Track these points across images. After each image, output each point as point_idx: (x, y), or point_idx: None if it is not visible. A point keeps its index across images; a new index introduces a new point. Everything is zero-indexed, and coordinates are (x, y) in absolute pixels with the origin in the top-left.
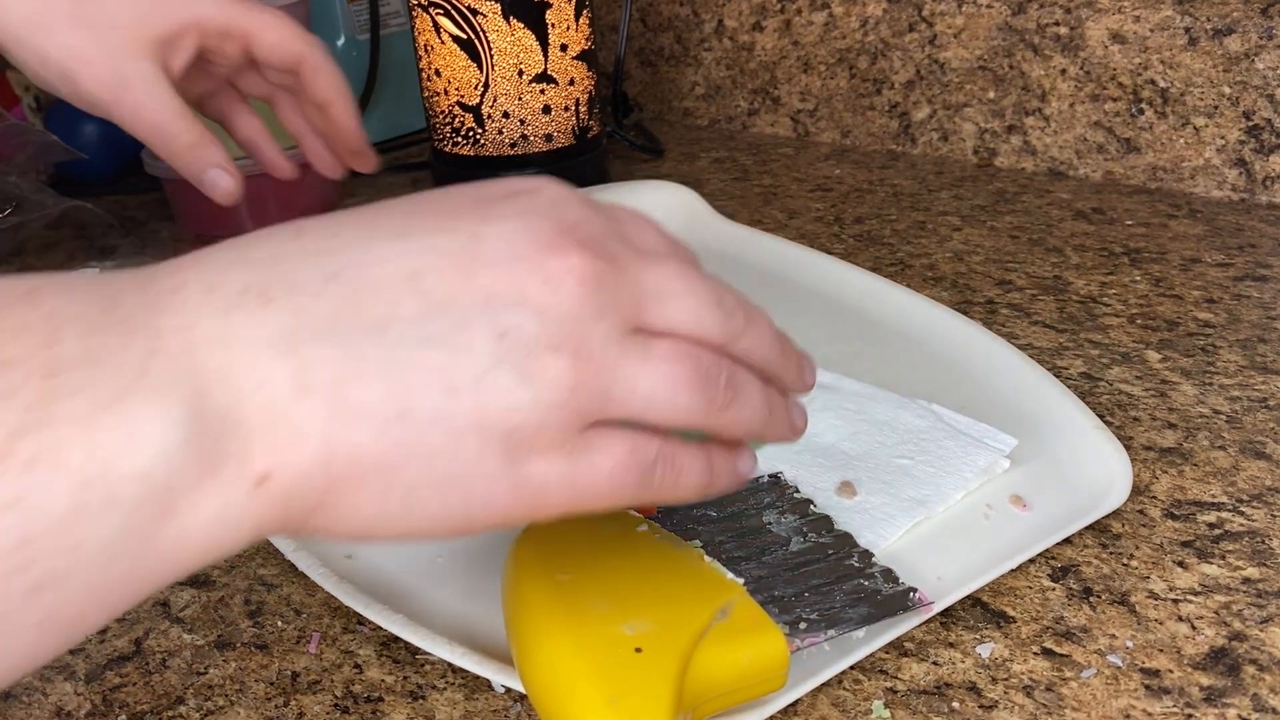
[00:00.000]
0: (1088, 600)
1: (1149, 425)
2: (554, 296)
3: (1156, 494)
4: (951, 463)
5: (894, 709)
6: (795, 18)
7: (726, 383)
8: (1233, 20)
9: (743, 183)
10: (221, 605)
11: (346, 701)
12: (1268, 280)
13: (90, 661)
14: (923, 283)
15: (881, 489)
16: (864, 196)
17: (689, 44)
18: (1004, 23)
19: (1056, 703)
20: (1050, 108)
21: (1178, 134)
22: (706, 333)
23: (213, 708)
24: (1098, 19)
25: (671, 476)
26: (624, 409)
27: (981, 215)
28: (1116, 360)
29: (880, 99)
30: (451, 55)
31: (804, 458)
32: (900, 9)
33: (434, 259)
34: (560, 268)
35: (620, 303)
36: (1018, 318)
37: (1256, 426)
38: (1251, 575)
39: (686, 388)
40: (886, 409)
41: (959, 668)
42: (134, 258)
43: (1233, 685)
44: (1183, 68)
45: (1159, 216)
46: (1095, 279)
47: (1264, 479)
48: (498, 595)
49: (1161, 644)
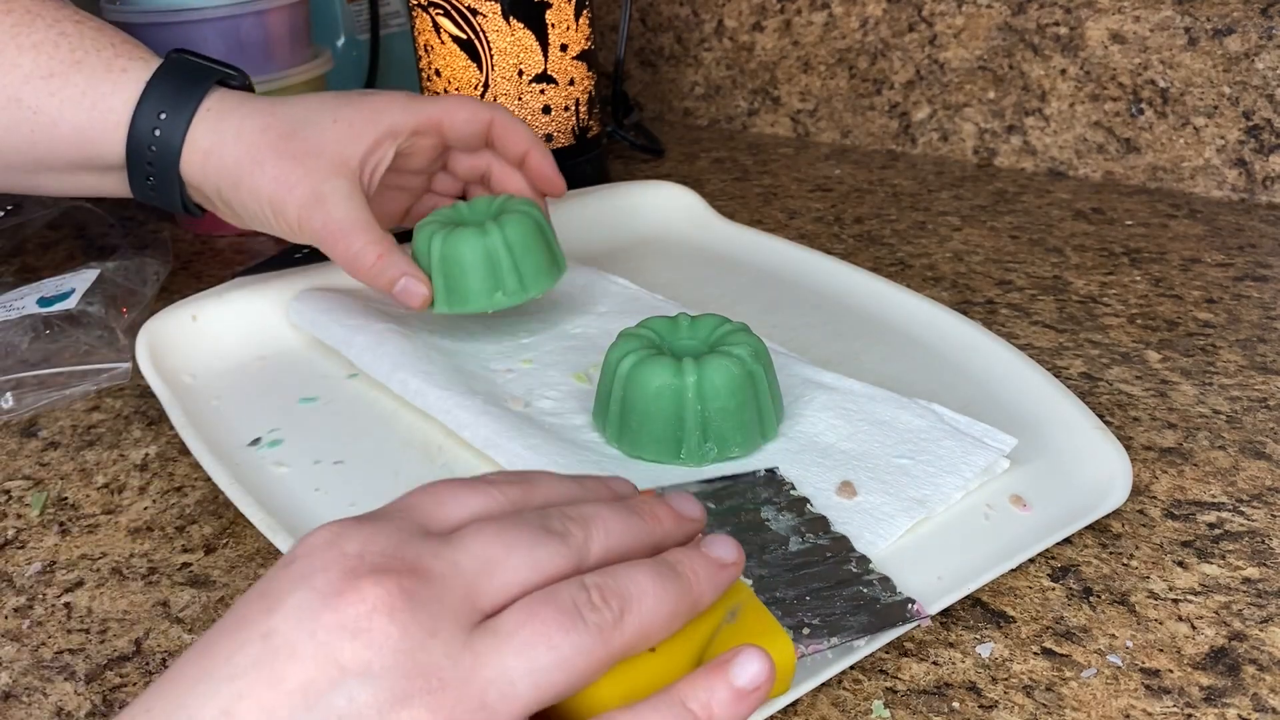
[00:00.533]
0: (1088, 600)
1: (1149, 425)
2: (371, 648)
3: (1156, 494)
4: (951, 462)
5: (894, 709)
6: (795, 18)
7: (602, 599)
8: (1233, 20)
9: (743, 183)
10: (221, 606)
11: None
12: (1267, 280)
13: (90, 662)
14: (922, 283)
15: (881, 489)
16: (864, 196)
17: (689, 44)
18: (1004, 23)
19: (1056, 703)
20: (1050, 108)
21: (1178, 134)
22: (548, 574)
23: None
24: (1098, 19)
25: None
26: (518, 700)
27: (981, 215)
28: (1116, 360)
29: (880, 99)
30: (451, 55)
31: (804, 457)
32: (900, 9)
33: (237, 686)
34: (362, 611)
35: (445, 607)
36: (1017, 318)
37: (1256, 426)
38: (1251, 575)
39: (562, 635)
40: (886, 409)
41: (959, 668)
42: (134, 258)
43: (1233, 685)
44: (1183, 68)
45: (1159, 216)
46: (1095, 279)
47: (1264, 479)
48: None
49: (1161, 644)
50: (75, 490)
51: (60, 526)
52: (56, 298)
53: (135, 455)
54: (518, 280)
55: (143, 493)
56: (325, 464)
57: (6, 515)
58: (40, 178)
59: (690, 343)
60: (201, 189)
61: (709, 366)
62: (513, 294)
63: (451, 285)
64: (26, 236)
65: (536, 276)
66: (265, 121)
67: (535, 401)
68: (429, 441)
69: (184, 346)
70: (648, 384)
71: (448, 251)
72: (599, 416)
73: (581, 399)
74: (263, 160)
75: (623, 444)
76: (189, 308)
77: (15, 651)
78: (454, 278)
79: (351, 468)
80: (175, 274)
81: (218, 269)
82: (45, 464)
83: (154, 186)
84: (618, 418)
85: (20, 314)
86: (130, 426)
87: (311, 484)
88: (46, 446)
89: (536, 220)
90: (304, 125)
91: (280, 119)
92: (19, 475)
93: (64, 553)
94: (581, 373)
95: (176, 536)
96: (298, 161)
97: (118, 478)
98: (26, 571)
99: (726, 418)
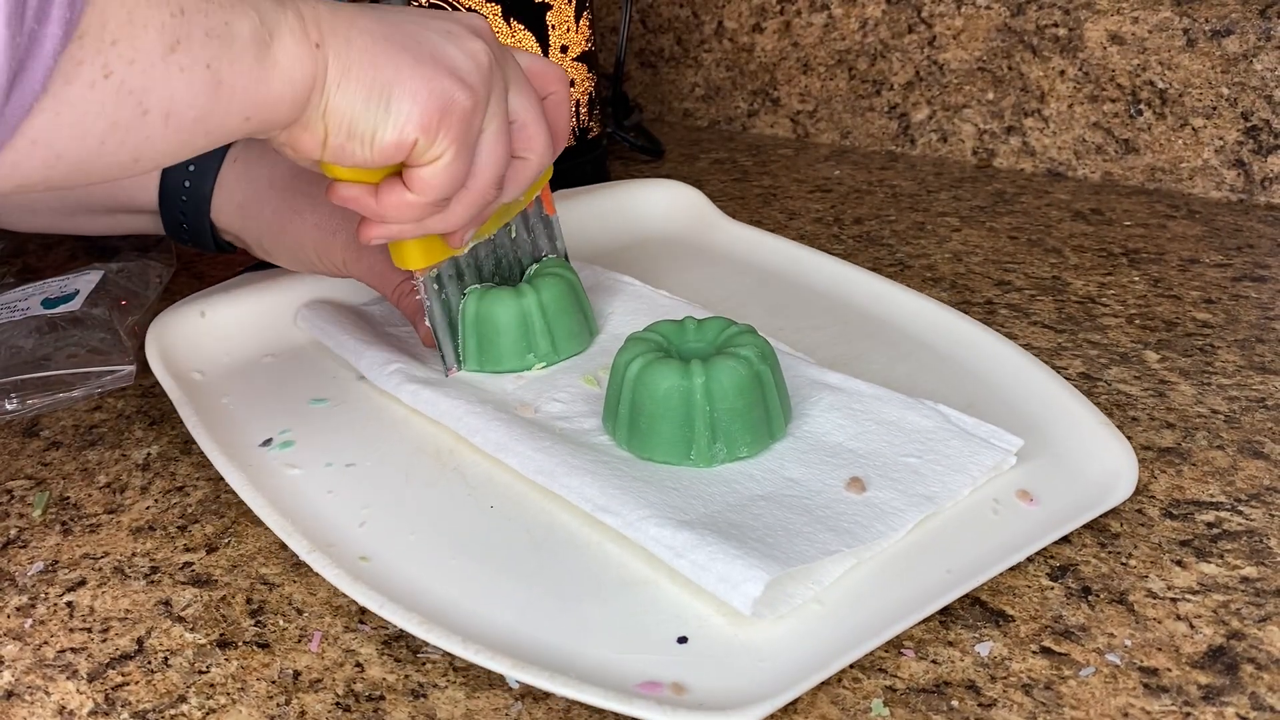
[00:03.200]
0: (1086, 599)
1: (1147, 425)
2: (477, 39)
3: (1155, 494)
4: (959, 462)
5: (893, 707)
6: (795, 19)
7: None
8: (1231, 21)
9: (742, 184)
10: (223, 604)
11: (348, 700)
12: (1266, 280)
13: (93, 660)
14: (922, 283)
15: (890, 485)
16: (863, 197)
17: (689, 45)
18: (1003, 24)
19: (1055, 701)
20: (1049, 109)
21: (1176, 135)
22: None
23: (214, 706)
24: (1096, 20)
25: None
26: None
27: (980, 216)
28: (1115, 360)
29: (880, 100)
30: None
31: (811, 456)
32: (899, 10)
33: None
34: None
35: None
36: (1016, 318)
37: (1255, 426)
38: (1249, 574)
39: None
40: (893, 409)
41: (958, 666)
42: (134, 258)
43: (1231, 684)
44: (1181, 69)
45: (1157, 217)
46: (1094, 279)
47: (1262, 478)
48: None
49: (1160, 643)
50: (77, 490)
51: (62, 526)
52: (61, 299)
53: (137, 455)
54: (550, 343)
55: (144, 492)
56: (337, 466)
57: (9, 515)
58: (79, 219)
59: (698, 345)
60: (241, 238)
61: (717, 368)
62: (545, 356)
63: (485, 346)
64: (28, 236)
65: (569, 340)
66: (295, 167)
67: (545, 406)
68: (440, 446)
69: (193, 342)
70: (656, 386)
71: (483, 312)
72: (609, 419)
73: (591, 402)
74: (301, 209)
75: (633, 446)
76: (198, 304)
77: (18, 650)
78: (487, 338)
79: (363, 471)
80: (178, 275)
81: (221, 270)
82: (47, 464)
83: (188, 230)
84: (627, 420)
85: (25, 315)
86: (132, 426)
87: (324, 487)
88: (48, 446)
89: (571, 283)
90: None
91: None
92: (21, 475)
93: (66, 552)
94: (590, 375)
95: (178, 536)
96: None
97: (120, 477)
98: (29, 571)
99: (735, 418)
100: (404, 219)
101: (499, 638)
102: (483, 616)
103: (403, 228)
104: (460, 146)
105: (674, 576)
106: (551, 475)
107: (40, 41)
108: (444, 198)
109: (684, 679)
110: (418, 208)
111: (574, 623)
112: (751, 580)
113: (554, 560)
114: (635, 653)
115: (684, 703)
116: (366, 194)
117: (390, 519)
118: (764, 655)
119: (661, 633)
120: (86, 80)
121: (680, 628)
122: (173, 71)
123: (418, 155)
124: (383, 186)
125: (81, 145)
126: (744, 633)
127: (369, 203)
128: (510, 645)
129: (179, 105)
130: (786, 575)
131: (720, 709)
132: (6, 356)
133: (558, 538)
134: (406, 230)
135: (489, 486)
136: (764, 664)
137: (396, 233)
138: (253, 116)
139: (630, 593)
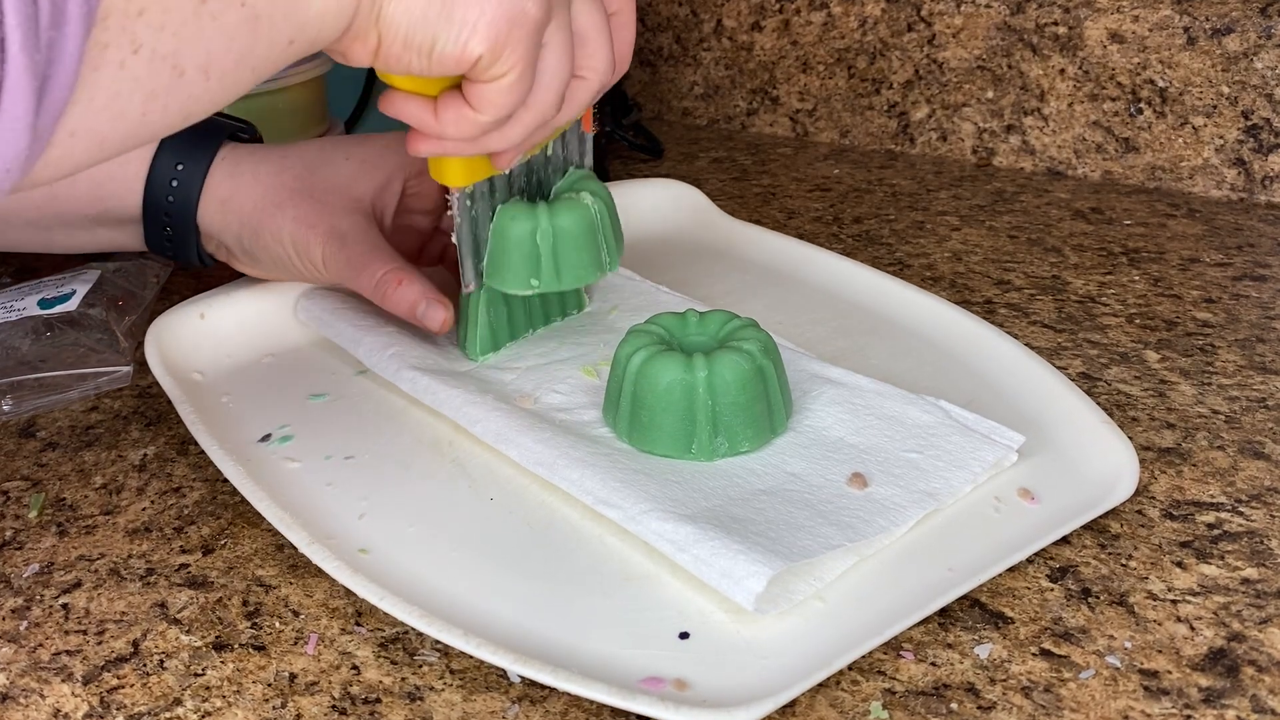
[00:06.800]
0: (1086, 601)
1: (1148, 425)
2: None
3: (1155, 494)
4: (960, 458)
5: (892, 710)
6: (794, 17)
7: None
8: (1231, 20)
9: (741, 183)
10: (219, 606)
11: (344, 703)
12: (1266, 280)
13: (88, 663)
14: (921, 282)
15: (892, 481)
16: (863, 196)
17: (688, 44)
18: (1002, 22)
19: (1055, 704)
20: (1049, 107)
21: (1176, 133)
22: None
23: (210, 709)
24: (1096, 19)
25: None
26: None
27: (980, 215)
28: (1115, 360)
29: (879, 99)
30: None
31: (813, 451)
32: (899, 9)
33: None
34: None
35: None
36: (1016, 318)
37: (1255, 426)
38: (1250, 576)
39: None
40: (894, 405)
41: (957, 669)
42: (132, 258)
43: (1231, 686)
44: (1181, 67)
45: (1158, 216)
46: (1094, 279)
47: (1263, 479)
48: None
49: (1160, 645)
50: (73, 491)
51: (58, 527)
52: (57, 299)
53: (133, 456)
54: (554, 271)
55: (141, 493)
56: (336, 459)
57: (4, 516)
58: (54, 234)
59: (699, 339)
60: (220, 237)
61: (719, 362)
62: (547, 284)
63: (495, 260)
64: None
65: (575, 270)
66: (280, 164)
67: (544, 397)
68: (439, 436)
69: (192, 344)
70: (658, 379)
71: (498, 225)
72: (609, 412)
73: (591, 394)
74: (281, 202)
75: (633, 439)
76: (197, 305)
77: (13, 653)
78: (498, 253)
79: (362, 463)
80: (175, 276)
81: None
82: (43, 465)
83: (170, 237)
84: (628, 413)
85: (21, 315)
86: (129, 427)
87: (324, 479)
88: (44, 447)
89: (592, 214)
90: (318, 164)
91: (295, 160)
92: (17, 476)
93: (62, 554)
94: (590, 367)
95: (175, 537)
96: (316, 200)
97: (116, 478)
98: (24, 573)
99: (737, 412)
100: (462, 136)
101: (500, 632)
102: (483, 611)
103: (460, 145)
104: (527, 63)
105: (676, 571)
106: (552, 467)
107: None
108: (507, 115)
109: (686, 675)
110: (479, 125)
111: (576, 617)
112: (754, 576)
113: (555, 554)
114: (637, 648)
115: (687, 699)
116: (424, 108)
117: (390, 511)
118: (766, 652)
119: (663, 628)
120: (115, 61)
121: (682, 623)
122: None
123: (480, 71)
124: (442, 101)
125: (122, 123)
126: (746, 629)
127: (427, 118)
128: (512, 640)
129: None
130: (789, 571)
131: (723, 706)
132: (2, 357)
133: (558, 531)
134: (462, 148)
135: (489, 479)
136: (766, 661)
137: (451, 150)
138: (296, 39)
139: (632, 587)
